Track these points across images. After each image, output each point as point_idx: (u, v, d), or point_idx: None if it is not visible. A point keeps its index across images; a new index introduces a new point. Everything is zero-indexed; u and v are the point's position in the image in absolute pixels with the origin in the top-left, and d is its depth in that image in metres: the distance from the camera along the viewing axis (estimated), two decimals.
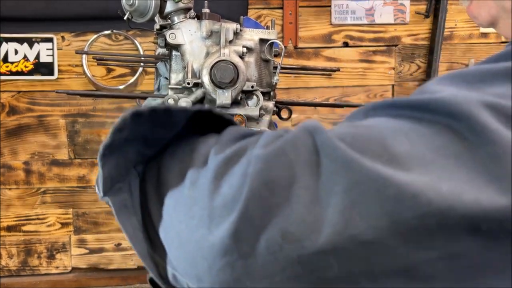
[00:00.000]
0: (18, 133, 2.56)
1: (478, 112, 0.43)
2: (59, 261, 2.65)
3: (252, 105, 1.15)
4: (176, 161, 0.56)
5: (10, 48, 2.46)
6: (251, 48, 1.15)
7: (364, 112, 0.52)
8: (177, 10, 1.15)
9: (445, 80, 0.50)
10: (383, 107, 0.50)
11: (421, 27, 2.67)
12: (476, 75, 0.49)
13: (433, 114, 0.45)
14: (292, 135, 0.46)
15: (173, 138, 0.60)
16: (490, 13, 0.70)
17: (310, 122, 0.47)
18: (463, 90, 0.47)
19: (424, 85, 0.52)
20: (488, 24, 0.72)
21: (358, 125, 0.48)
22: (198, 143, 0.56)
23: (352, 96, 2.69)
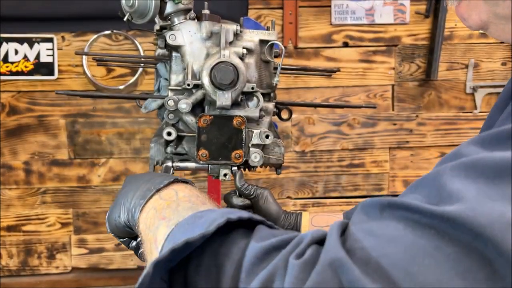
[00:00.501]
0: (18, 133, 2.56)
1: (503, 237, 0.42)
2: (59, 261, 2.65)
3: (252, 106, 1.15)
4: (202, 279, 0.56)
5: (10, 48, 2.46)
6: (251, 49, 1.15)
7: (380, 207, 0.51)
8: (177, 11, 1.15)
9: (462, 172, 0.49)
10: (401, 207, 0.49)
11: (421, 27, 2.67)
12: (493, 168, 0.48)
13: (456, 230, 0.44)
14: (318, 277, 0.46)
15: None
16: (480, 17, 0.70)
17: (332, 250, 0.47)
18: (484, 195, 0.46)
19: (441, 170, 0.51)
20: (478, 27, 0.72)
21: (380, 234, 0.48)
22: (223, 258, 0.55)
23: (352, 96, 2.69)
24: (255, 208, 1.15)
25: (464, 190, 0.47)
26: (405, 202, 0.49)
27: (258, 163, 1.15)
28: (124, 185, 0.89)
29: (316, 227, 1.13)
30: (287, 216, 1.16)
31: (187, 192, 0.78)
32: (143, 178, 0.86)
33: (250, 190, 1.13)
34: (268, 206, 1.14)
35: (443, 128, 2.75)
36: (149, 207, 0.76)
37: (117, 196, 0.87)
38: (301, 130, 2.69)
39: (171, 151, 1.18)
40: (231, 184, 2.71)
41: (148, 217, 0.74)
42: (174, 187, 0.79)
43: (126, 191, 0.85)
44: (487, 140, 0.52)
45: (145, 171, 2.61)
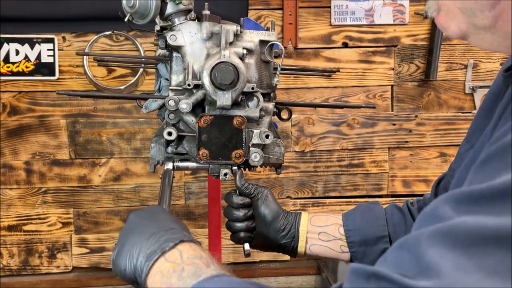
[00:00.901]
0: (19, 133, 2.57)
1: None
2: (60, 260, 2.66)
3: (252, 106, 1.16)
4: None
5: (11, 48, 2.47)
6: (251, 49, 1.15)
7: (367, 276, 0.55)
8: (177, 11, 1.16)
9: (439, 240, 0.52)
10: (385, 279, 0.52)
11: (421, 28, 2.68)
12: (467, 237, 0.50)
13: None
14: None
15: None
16: (460, 28, 0.71)
17: None
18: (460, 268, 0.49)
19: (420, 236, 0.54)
20: (457, 37, 0.73)
21: None
22: None
23: (351, 96, 2.70)
24: (254, 207, 1.15)
25: (441, 263, 0.50)
26: (388, 275, 0.52)
27: (258, 163, 1.16)
28: (129, 228, 0.88)
29: (315, 226, 1.14)
30: (286, 215, 1.17)
31: (191, 253, 0.80)
32: (149, 228, 0.85)
33: (250, 189, 1.14)
34: (268, 205, 1.15)
35: (442, 128, 2.75)
36: (155, 270, 0.78)
37: (122, 241, 0.86)
38: (301, 130, 2.70)
39: (171, 151, 1.19)
40: (231, 184, 2.71)
41: (154, 282, 0.77)
42: (179, 248, 0.81)
43: (132, 242, 0.84)
44: (461, 200, 0.55)
45: (146, 171, 2.62)
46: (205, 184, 2.62)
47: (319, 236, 1.13)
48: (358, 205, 1.19)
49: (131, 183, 2.65)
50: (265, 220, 1.14)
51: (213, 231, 2.18)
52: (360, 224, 1.11)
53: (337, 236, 1.12)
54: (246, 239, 1.14)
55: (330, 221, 1.14)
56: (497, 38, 0.67)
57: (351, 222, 1.12)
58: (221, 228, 2.24)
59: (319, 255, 1.14)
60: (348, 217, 1.14)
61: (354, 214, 1.15)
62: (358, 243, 1.10)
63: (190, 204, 2.69)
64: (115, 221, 2.67)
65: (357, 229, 1.11)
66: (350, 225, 1.12)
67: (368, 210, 1.14)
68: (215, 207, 2.17)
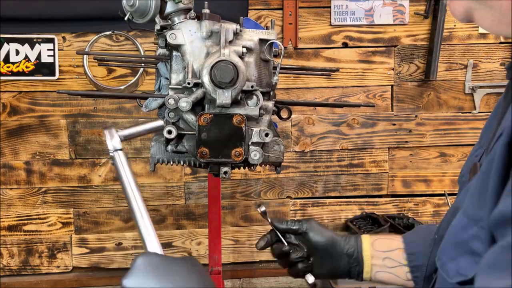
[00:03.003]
0: (19, 133, 2.57)
1: None
2: (60, 260, 2.66)
3: (252, 105, 1.16)
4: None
5: (11, 48, 2.47)
6: (250, 48, 1.16)
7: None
8: (177, 10, 1.16)
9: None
10: None
11: (420, 28, 2.68)
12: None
13: None
14: None
15: None
16: (463, 6, 0.70)
17: None
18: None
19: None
20: (464, 18, 0.72)
21: None
22: None
23: (351, 96, 2.70)
24: (306, 240, 1.09)
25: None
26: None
27: (258, 161, 1.16)
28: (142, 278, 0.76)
29: (378, 251, 1.09)
30: (346, 240, 1.10)
31: None
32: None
33: (295, 225, 1.08)
34: (321, 232, 1.09)
35: (442, 128, 2.76)
36: None
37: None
38: (300, 130, 2.70)
39: (171, 149, 1.19)
40: (231, 184, 2.72)
41: None
42: None
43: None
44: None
45: (146, 171, 2.62)
46: (205, 184, 2.62)
47: (383, 262, 1.08)
48: (417, 227, 1.15)
49: None
50: (323, 247, 1.08)
51: (213, 231, 2.18)
52: (423, 247, 1.03)
53: (402, 262, 1.06)
54: (305, 270, 1.09)
55: (393, 246, 1.09)
56: (496, 13, 0.67)
57: (413, 245, 1.06)
58: (221, 228, 2.24)
59: (384, 282, 1.09)
60: (409, 240, 1.08)
61: (415, 237, 1.08)
62: (422, 268, 1.02)
63: (190, 204, 2.69)
64: (115, 221, 2.67)
65: (421, 252, 1.03)
66: (413, 249, 1.05)
67: (428, 231, 1.06)
68: (215, 207, 2.17)
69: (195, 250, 2.72)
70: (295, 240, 1.09)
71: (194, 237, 2.72)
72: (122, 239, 2.68)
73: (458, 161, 2.78)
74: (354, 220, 2.67)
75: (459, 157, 2.78)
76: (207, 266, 2.22)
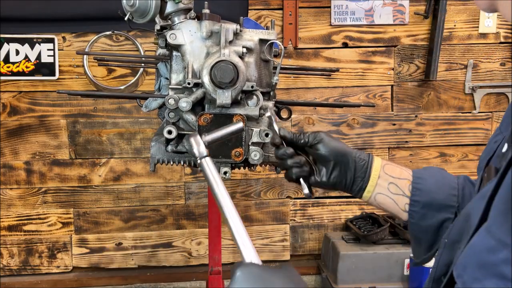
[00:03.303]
0: (19, 133, 2.57)
1: None
2: (60, 260, 2.66)
3: (252, 105, 1.16)
4: None
5: (11, 48, 2.47)
6: (251, 48, 1.16)
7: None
8: (177, 10, 1.16)
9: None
10: None
11: (420, 28, 2.68)
12: None
13: None
14: None
15: None
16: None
17: None
18: None
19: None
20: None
21: None
22: None
23: (351, 96, 2.70)
24: (312, 151, 1.05)
25: None
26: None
27: (258, 161, 1.16)
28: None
29: (387, 175, 1.07)
30: (358, 153, 1.07)
31: None
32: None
33: (304, 138, 1.04)
34: (331, 144, 1.04)
35: (442, 128, 2.76)
36: None
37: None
38: (301, 130, 2.69)
39: (171, 150, 1.19)
40: (231, 184, 2.72)
41: None
42: None
43: None
44: None
45: (146, 171, 2.62)
46: (205, 184, 2.62)
47: (388, 186, 1.06)
48: (428, 167, 1.12)
49: (131, 183, 2.65)
50: (333, 155, 1.04)
51: (213, 231, 2.18)
52: (431, 186, 1.04)
53: (406, 193, 1.05)
54: (299, 175, 1.04)
55: (403, 175, 1.07)
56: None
57: (422, 182, 1.05)
58: (221, 228, 2.24)
59: (380, 205, 1.08)
60: (420, 176, 1.06)
61: (426, 175, 1.07)
62: (422, 204, 1.04)
63: (190, 204, 2.69)
64: (115, 221, 2.67)
65: (426, 190, 1.04)
66: (420, 184, 1.05)
67: (440, 175, 1.07)
68: (215, 207, 2.17)
69: (195, 250, 2.72)
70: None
71: (194, 237, 2.72)
72: (122, 239, 2.68)
73: (458, 161, 2.78)
74: (354, 220, 2.67)
75: (459, 157, 2.78)
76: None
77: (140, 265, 2.70)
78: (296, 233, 2.77)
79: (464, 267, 0.68)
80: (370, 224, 2.61)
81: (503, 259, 0.60)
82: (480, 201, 0.71)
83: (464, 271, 0.67)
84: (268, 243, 2.75)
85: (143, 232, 2.69)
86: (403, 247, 2.45)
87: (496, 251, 0.62)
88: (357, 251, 2.44)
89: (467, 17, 2.69)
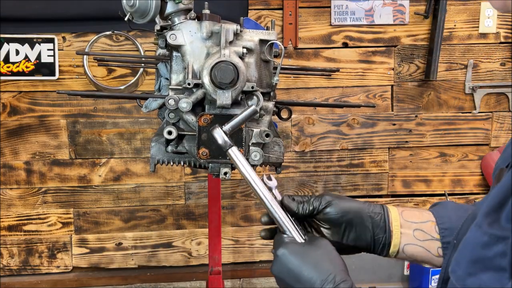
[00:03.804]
0: (19, 133, 2.57)
1: None
2: (60, 260, 2.66)
3: (252, 105, 1.16)
4: None
5: (11, 48, 2.47)
6: (251, 49, 1.16)
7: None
8: (177, 11, 1.16)
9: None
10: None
11: (420, 28, 2.68)
12: None
13: None
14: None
15: None
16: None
17: None
18: None
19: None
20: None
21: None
22: None
23: (351, 96, 2.70)
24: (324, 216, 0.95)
25: None
26: None
27: (258, 162, 1.16)
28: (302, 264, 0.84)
29: (409, 222, 0.96)
30: (371, 207, 0.97)
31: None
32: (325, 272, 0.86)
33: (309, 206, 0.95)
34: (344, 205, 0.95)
35: (442, 128, 2.76)
36: None
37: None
38: (301, 130, 2.70)
39: (171, 150, 1.19)
40: (231, 184, 2.72)
41: None
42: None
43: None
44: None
45: (146, 171, 2.62)
46: (205, 184, 2.62)
47: (414, 234, 0.95)
48: (442, 202, 1.02)
49: (131, 183, 2.65)
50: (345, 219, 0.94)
51: (213, 231, 2.18)
52: (456, 222, 0.92)
53: (435, 236, 0.95)
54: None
55: (424, 217, 0.97)
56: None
57: (447, 220, 0.95)
58: (221, 228, 2.24)
59: (413, 257, 0.97)
60: (441, 214, 0.97)
61: (446, 211, 0.98)
62: (454, 244, 0.89)
63: (190, 204, 2.69)
64: (115, 221, 2.67)
65: (452, 227, 0.93)
66: (446, 223, 0.95)
67: (457, 207, 0.98)
68: (215, 207, 2.17)
69: (195, 250, 2.72)
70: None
71: (194, 237, 2.72)
72: (122, 239, 2.68)
73: (458, 161, 2.78)
74: None
75: (459, 157, 2.78)
76: (206, 266, 2.22)
77: (140, 265, 2.70)
78: None
79: (458, 263, 0.68)
80: None
81: (499, 252, 0.61)
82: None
83: (458, 267, 0.68)
84: (268, 243, 2.75)
85: (143, 232, 2.69)
86: None
87: (491, 246, 0.62)
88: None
89: (467, 17, 2.69)
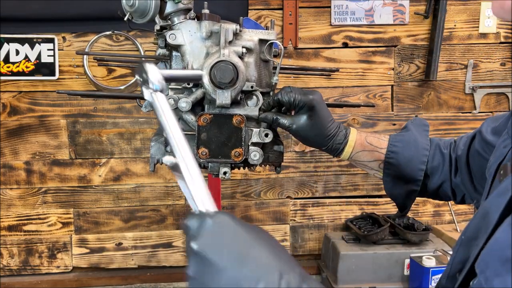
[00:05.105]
0: (19, 133, 2.57)
1: None
2: (60, 260, 2.66)
3: (251, 105, 1.16)
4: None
5: (11, 48, 2.47)
6: (250, 48, 1.16)
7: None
8: (177, 11, 1.16)
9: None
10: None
11: (421, 28, 2.68)
12: None
13: None
14: None
15: None
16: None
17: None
18: None
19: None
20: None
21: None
22: None
23: (351, 96, 2.70)
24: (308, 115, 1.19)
25: None
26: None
27: (258, 162, 1.16)
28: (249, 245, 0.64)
29: (369, 144, 1.27)
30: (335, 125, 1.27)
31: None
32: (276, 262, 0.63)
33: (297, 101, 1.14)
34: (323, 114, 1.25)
35: (442, 128, 2.75)
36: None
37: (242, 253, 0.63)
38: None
39: (171, 150, 1.19)
40: (231, 183, 2.72)
41: None
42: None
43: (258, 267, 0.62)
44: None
45: (146, 171, 2.62)
46: None
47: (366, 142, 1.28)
48: (407, 131, 1.28)
49: (131, 183, 2.65)
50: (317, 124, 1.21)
51: None
52: (401, 161, 1.18)
53: (377, 169, 1.24)
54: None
55: (381, 145, 1.26)
56: None
57: (394, 156, 1.20)
58: None
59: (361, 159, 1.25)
60: (394, 150, 1.21)
61: (400, 147, 1.22)
62: (392, 177, 1.18)
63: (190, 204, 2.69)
64: (115, 221, 2.67)
65: (396, 164, 1.18)
66: (393, 159, 1.19)
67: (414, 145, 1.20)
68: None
69: None
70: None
71: None
72: (122, 239, 2.68)
73: None
74: (354, 220, 2.67)
75: None
76: None
77: (140, 265, 2.70)
78: (296, 233, 2.77)
79: (486, 263, 0.67)
80: (370, 224, 2.61)
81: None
82: (500, 198, 0.71)
83: (486, 267, 0.67)
84: None
85: (143, 232, 2.69)
86: (403, 247, 2.45)
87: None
88: (357, 251, 2.44)
89: (467, 17, 2.69)
